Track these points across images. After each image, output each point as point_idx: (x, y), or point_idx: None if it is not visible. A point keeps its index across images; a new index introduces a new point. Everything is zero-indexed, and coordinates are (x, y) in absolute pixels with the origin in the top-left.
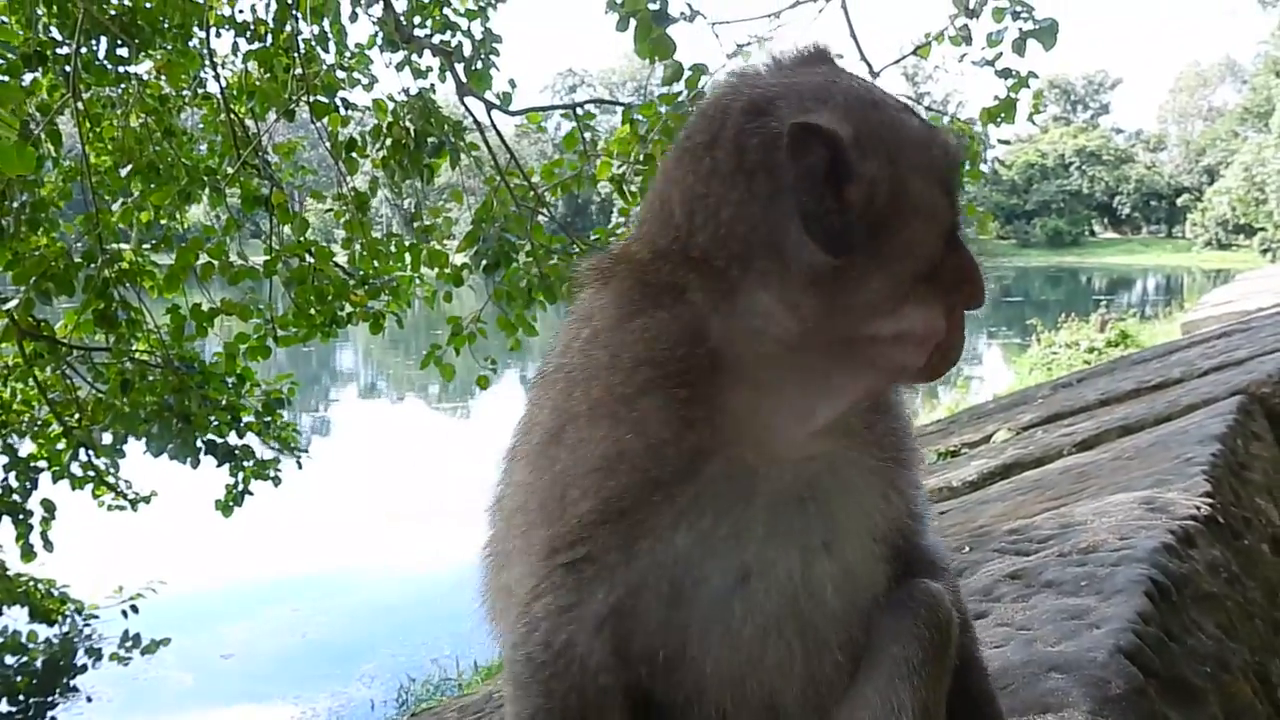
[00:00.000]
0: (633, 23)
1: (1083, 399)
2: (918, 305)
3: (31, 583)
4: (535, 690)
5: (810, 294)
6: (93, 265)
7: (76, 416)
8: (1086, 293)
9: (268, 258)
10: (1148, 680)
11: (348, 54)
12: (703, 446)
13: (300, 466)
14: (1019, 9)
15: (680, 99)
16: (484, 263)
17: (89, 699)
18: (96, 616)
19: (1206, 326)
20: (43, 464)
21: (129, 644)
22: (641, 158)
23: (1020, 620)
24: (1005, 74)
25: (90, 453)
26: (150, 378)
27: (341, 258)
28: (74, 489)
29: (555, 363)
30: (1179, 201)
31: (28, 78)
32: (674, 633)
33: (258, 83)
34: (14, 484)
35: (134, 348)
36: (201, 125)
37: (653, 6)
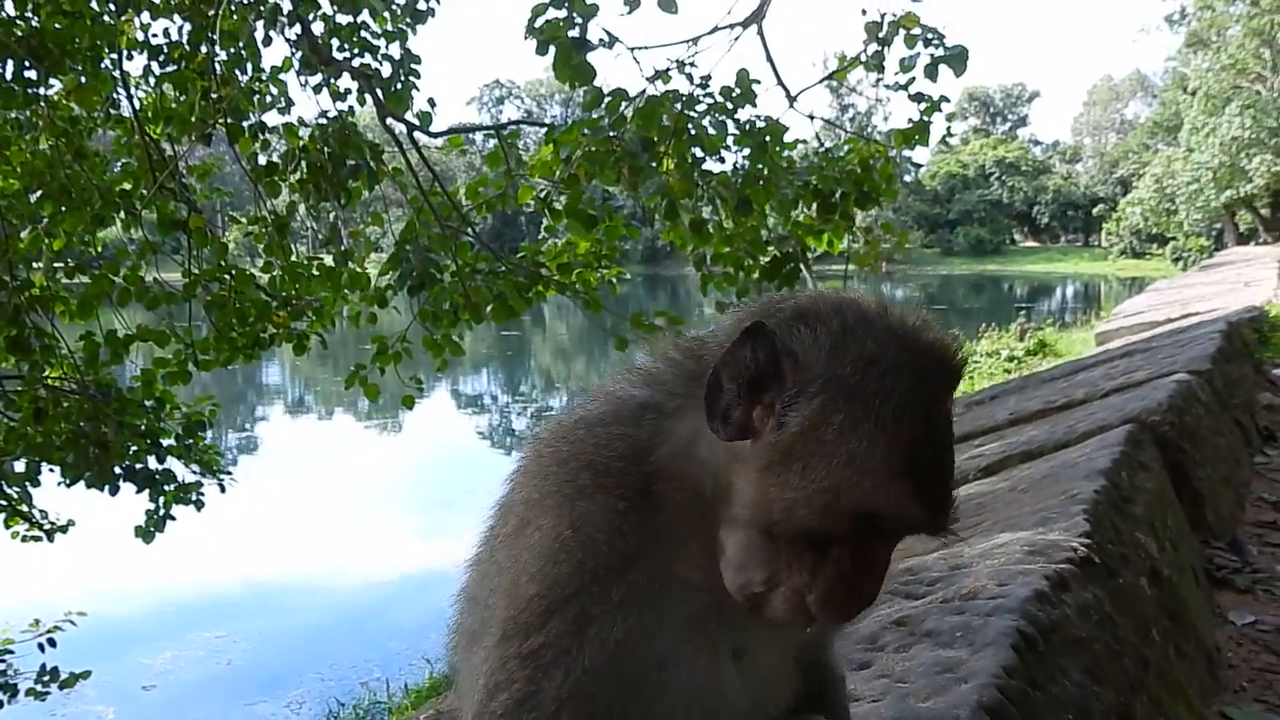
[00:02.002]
0: (552, 49)
1: (993, 419)
2: (783, 551)
3: None
4: None
5: (693, 451)
6: (2, 292)
7: None
8: (1008, 300)
9: (187, 281)
10: None
11: (263, 77)
12: (632, 552)
13: (223, 490)
14: (930, 36)
15: (602, 123)
16: (408, 284)
17: None
18: (11, 651)
19: (1120, 336)
20: None
21: (46, 678)
22: (565, 178)
23: (899, 671)
24: (918, 98)
25: (2, 482)
26: (65, 405)
27: (262, 279)
28: None
29: (544, 444)
30: (1095, 211)
31: None
32: (615, 715)
33: (173, 105)
34: None
35: (47, 375)
36: (114, 148)
37: (572, 34)
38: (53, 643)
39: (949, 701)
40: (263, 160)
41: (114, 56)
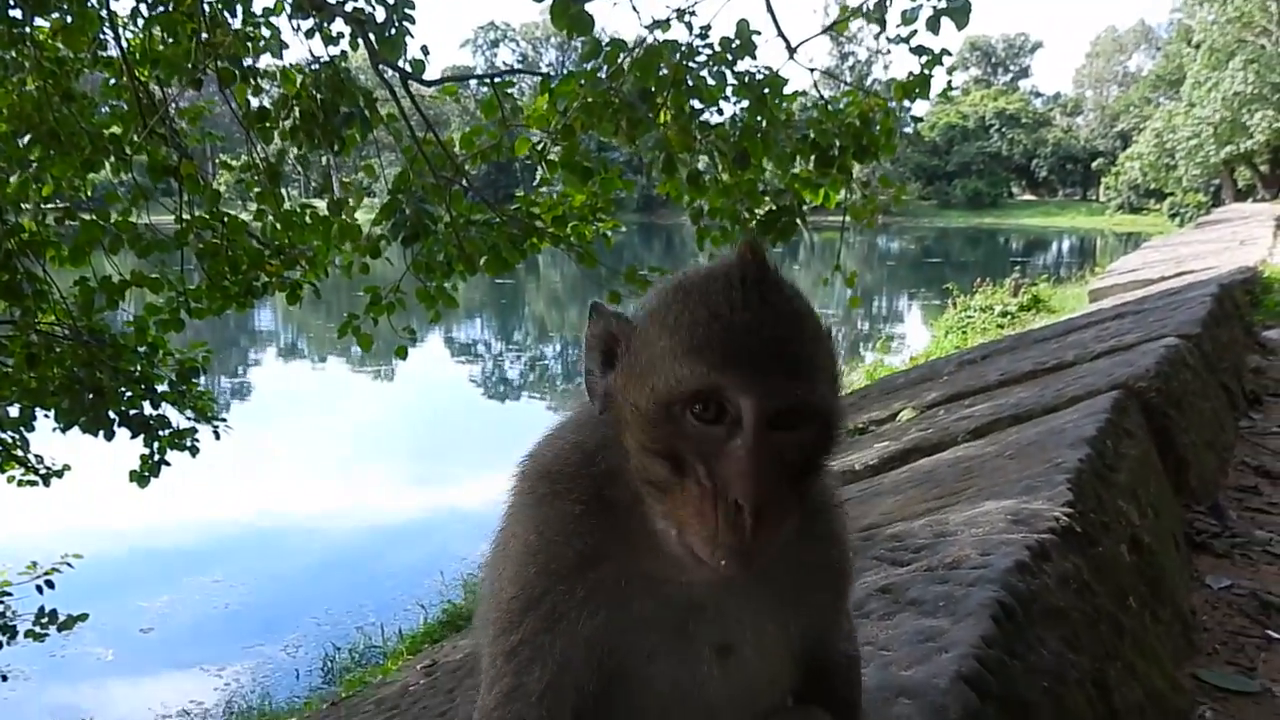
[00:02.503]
0: None
1: (984, 379)
2: (672, 498)
3: None
4: None
5: (621, 448)
6: None
7: None
8: (1004, 254)
9: (179, 228)
10: (985, 702)
11: (255, 20)
12: (594, 553)
13: (218, 436)
14: None
15: (599, 75)
16: (401, 235)
17: (4, 678)
18: (9, 594)
19: (1113, 294)
20: None
21: (45, 620)
22: (560, 129)
23: (883, 640)
24: (919, 51)
25: None
26: (58, 350)
27: (255, 227)
28: None
29: (524, 458)
30: (1094, 165)
31: None
32: (595, 705)
33: (161, 48)
34: None
35: (39, 320)
36: (101, 91)
37: None
38: (50, 584)
39: (929, 671)
40: (254, 104)
41: None
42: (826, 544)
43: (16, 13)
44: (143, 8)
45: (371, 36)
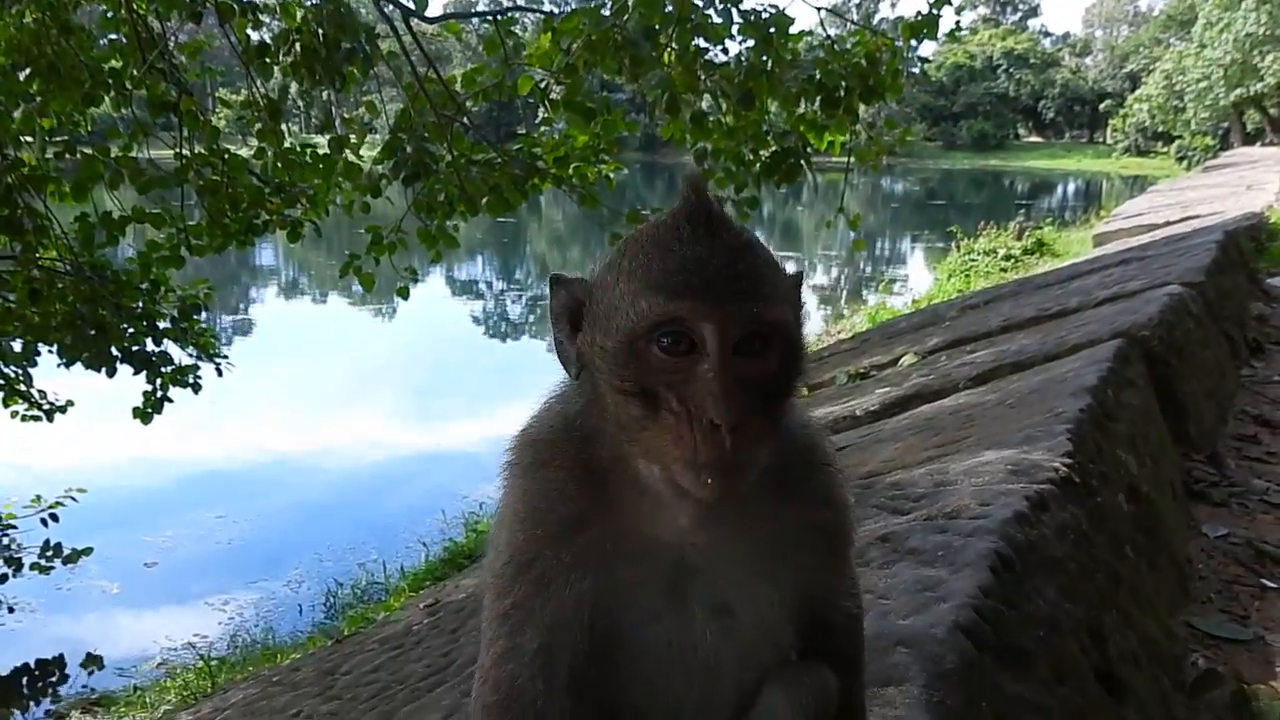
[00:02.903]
0: None
1: (986, 325)
2: (650, 434)
3: None
4: None
5: (599, 406)
6: None
7: None
8: (1009, 196)
9: (179, 165)
10: (981, 652)
11: None
12: (580, 518)
13: (220, 374)
14: None
15: (603, 12)
16: (403, 174)
17: (10, 609)
18: (15, 526)
19: (1118, 239)
20: None
21: (50, 553)
22: (563, 67)
23: (882, 588)
24: None
25: (0, 362)
26: (60, 286)
27: (255, 165)
28: None
29: (518, 429)
30: (1101, 107)
31: None
32: (590, 665)
33: None
34: None
35: (40, 256)
36: (99, 24)
37: None
38: (55, 518)
39: (927, 620)
40: (254, 39)
41: None
42: (819, 504)
43: None
44: None
45: None
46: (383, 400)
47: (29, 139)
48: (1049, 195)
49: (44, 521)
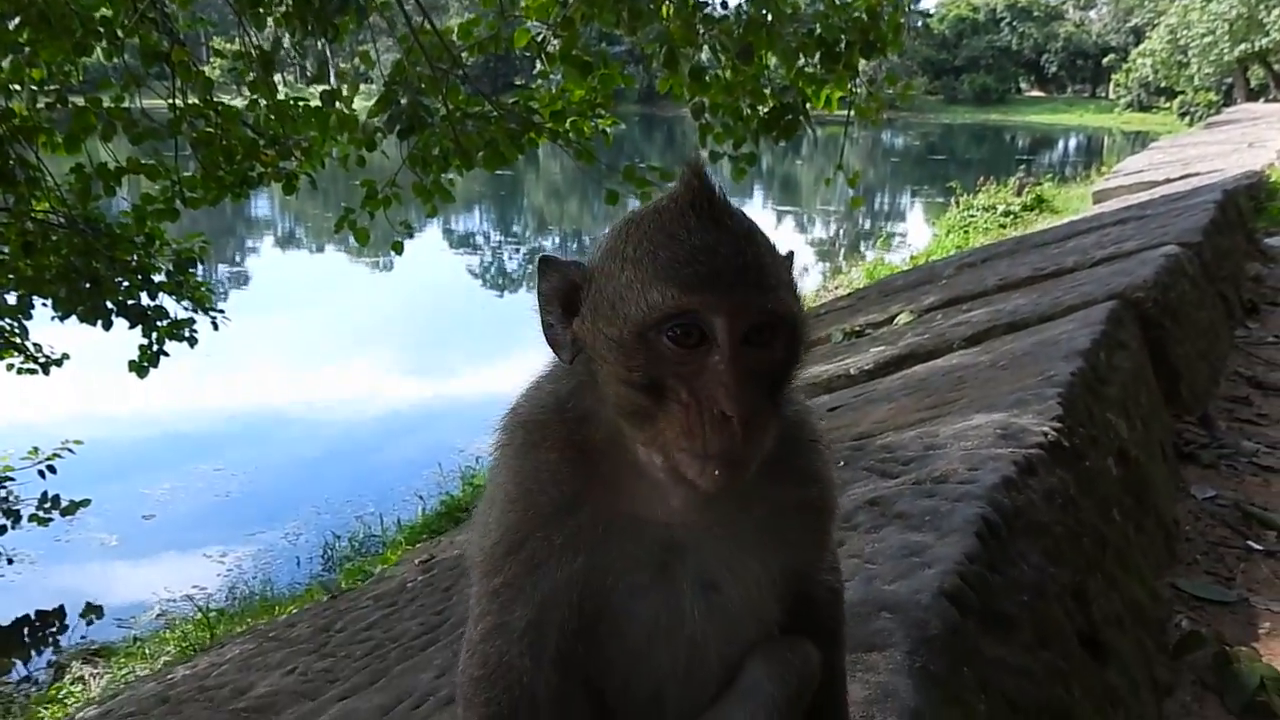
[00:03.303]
0: None
1: (982, 283)
2: (656, 422)
3: None
4: (478, 701)
5: (595, 387)
6: None
7: None
8: (1010, 151)
9: (172, 117)
10: (965, 617)
11: None
12: (571, 500)
13: (216, 327)
14: None
15: None
16: (397, 127)
17: (10, 560)
18: (12, 479)
19: (1117, 196)
20: None
21: (48, 505)
22: (560, 20)
23: (869, 553)
24: None
25: None
26: (54, 238)
27: (249, 117)
28: None
29: (510, 408)
30: (1105, 61)
31: None
32: (578, 641)
33: None
34: None
35: (34, 208)
36: None
37: None
38: (52, 469)
39: (913, 586)
40: None
41: None
42: (808, 482)
43: None
44: None
45: None
46: (379, 353)
47: (19, 89)
48: (1050, 150)
49: (41, 473)
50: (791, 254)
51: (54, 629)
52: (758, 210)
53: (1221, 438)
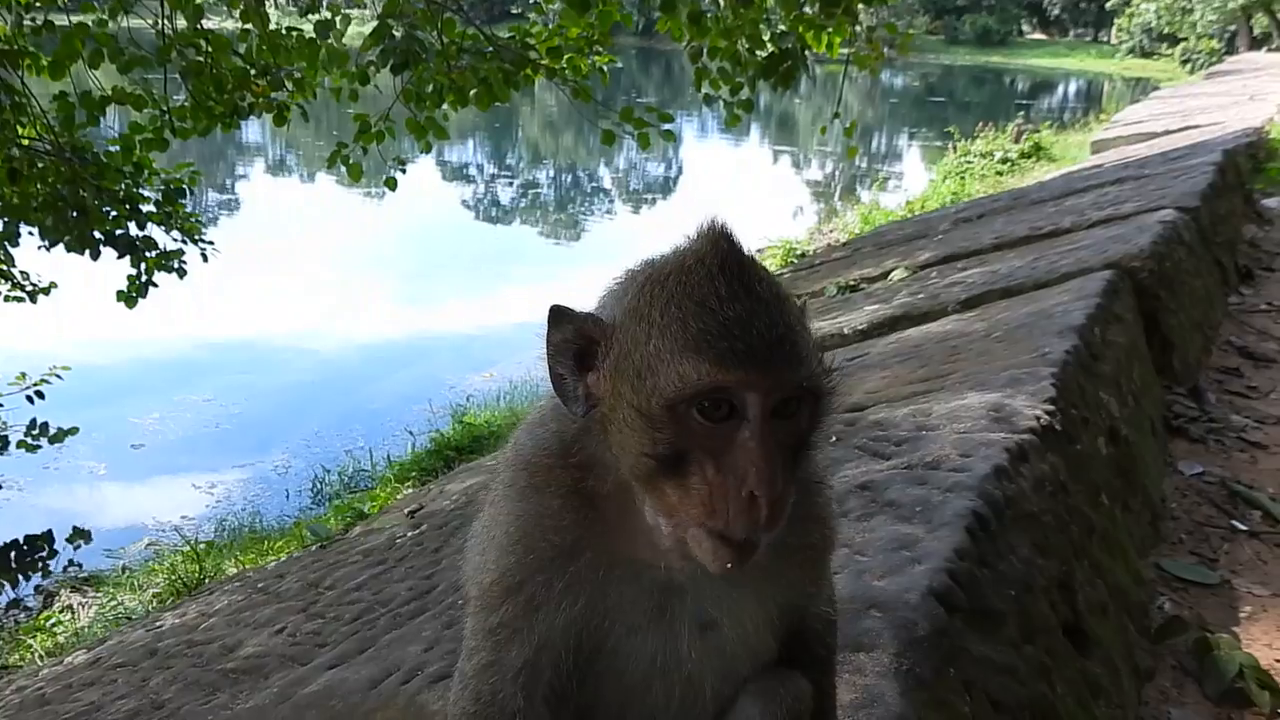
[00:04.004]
0: None
1: (978, 241)
2: (670, 492)
3: None
4: None
5: (603, 437)
6: None
7: None
8: (1009, 96)
9: (160, 44)
10: (953, 616)
11: None
12: (572, 546)
13: (205, 259)
14: None
15: None
16: (391, 62)
17: None
18: (0, 404)
19: (1116, 147)
20: None
21: (36, 432)
22: None
23: (859, 543)
24: None
25: None
26: (40, 166)
27: (240, 47)
28: None
29: (511, 441)
30: (1108, 5)
31: None
32: (571, 679)
33: None
34: None
35: (20, 134)
36: None
37: None
38: (40, 395)
39: (902, 584)
40: None
41: None
42: (811, 524)
43: None
44: None
45: None
46: (371, 284)
47: (5, 12)
48: (1049, 95)
49: (30, 399)
50: (804, 303)
51: (42, 554)
52: (754, 149)
53: (1211, 411)
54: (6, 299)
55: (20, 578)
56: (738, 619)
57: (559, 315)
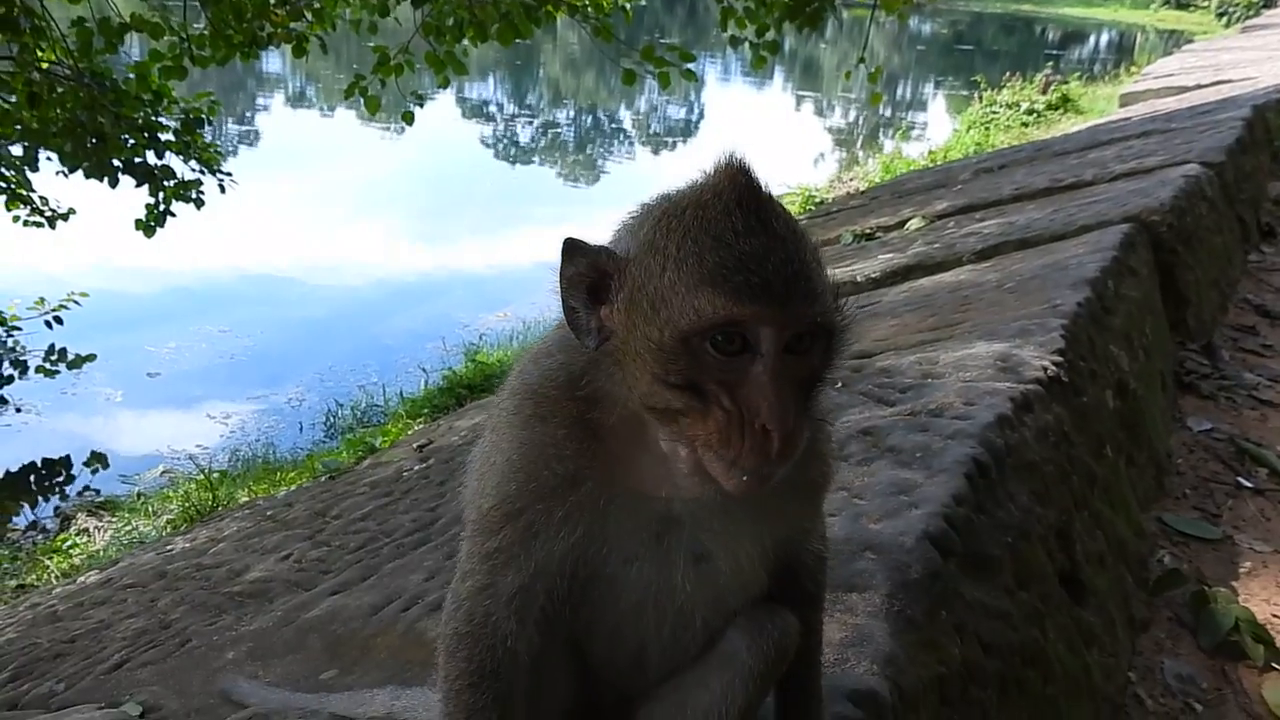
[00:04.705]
0: None
1: (998, 192)
2: (685, 419)
3: None
4: (460, 656)
5: (611, 370)
6: None
7: None
8: (1039, 45)
9: None
10: (947, 560)
11: None
12: (574, 476)
13: (223, 190)
14: None
15: None
16: None
17: (18, 409)
18: (19, 328)
19: (1145, 100)
20: None
21: (54, 358)
22: None
23: (857, 487)
24: None
25: (1, 165)
26: (60, 90)
27: None
28: None
29: (515, 371)
30: None
31: None
32: (565, 604)
33: None
34: None
35: (39, 58)
36: None
37: None
38: (59, 320)
39: (898, 527)
40: None
41: None
42: (811, 460)
43: None
44: None
45: None
46: (388, 220)
47: None
48: (1080, 46)
49: (48, 324)
50: (819, 245)
51: (60, 478)
52: (777, 94)
53: (1223, 368)
54: (26, 224)
55: (39, 499)
56: (732, 551)
57: (573, 248)
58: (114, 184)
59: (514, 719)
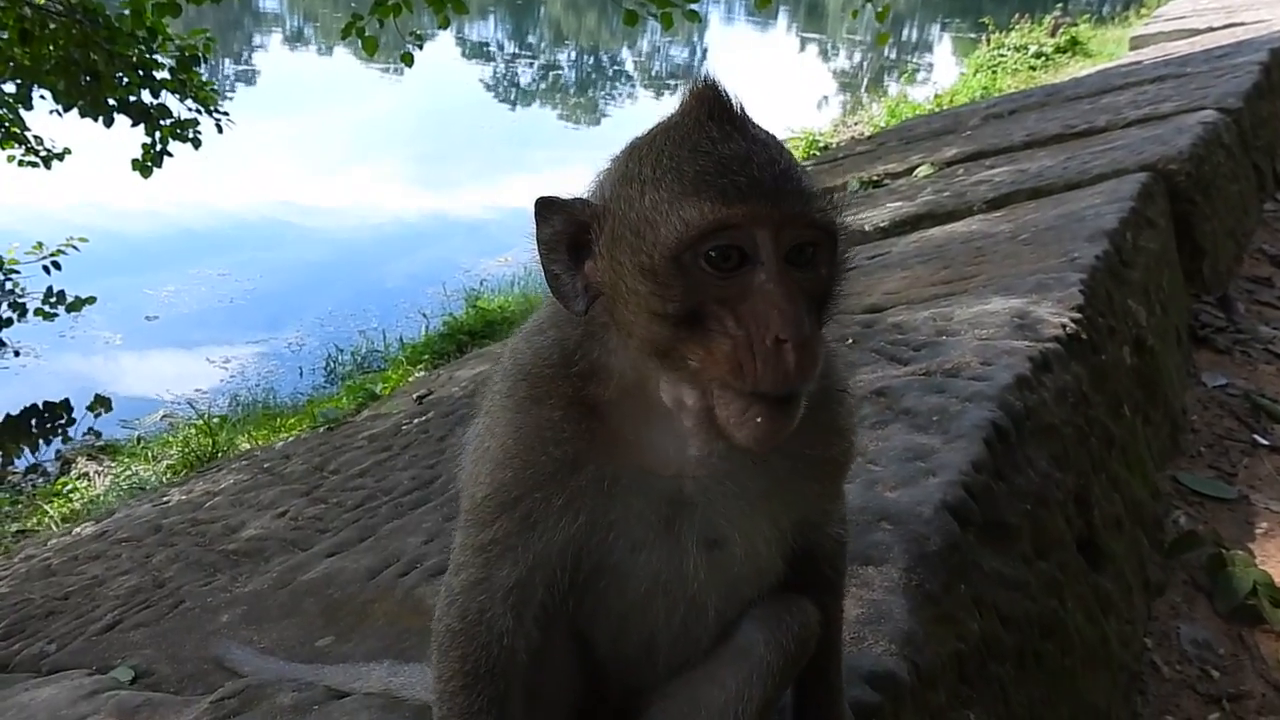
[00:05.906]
0: None
1: (1009, 138)
2: (690, 359)
3: None
4: (453, 655)
5: (606, 337)
6: None
7: None
8: None
9: None
10: (966, 530)
11: None
12: (576, 457)
13: (220, 130)
14: None
15: None
16: None
17: (16, 352)
18: (18, 271)
19: (1156, 43)
20: None
21: (53, 300)
22: None
23: (872, 453)
24: None
25: None
26: (52, 27)
27: None
28: None
29: (507, 351)
30: None
31: None
32: (567, 597)
33: None
34: None
35: None
36: None
37: None
38: (57, 265)
39: (915, 496)
40: None
41: None
42: (830, 435)
43: None
44: None
45: None
46: (388, 162)
47: None
48: None
49: (46, 269)
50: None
51: (61, 421)
52: (781, 36)
53: (1239, 321)
54: (20, 164)
55: (40, 443)
56: (748, 536)
57: (546, 205)
58: (109, 123)
59: None
